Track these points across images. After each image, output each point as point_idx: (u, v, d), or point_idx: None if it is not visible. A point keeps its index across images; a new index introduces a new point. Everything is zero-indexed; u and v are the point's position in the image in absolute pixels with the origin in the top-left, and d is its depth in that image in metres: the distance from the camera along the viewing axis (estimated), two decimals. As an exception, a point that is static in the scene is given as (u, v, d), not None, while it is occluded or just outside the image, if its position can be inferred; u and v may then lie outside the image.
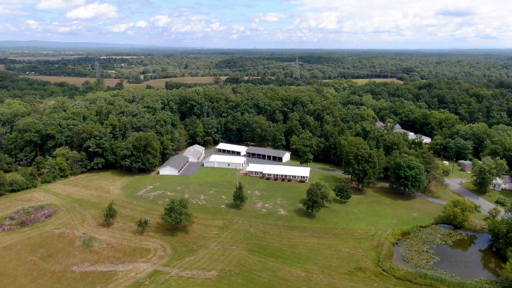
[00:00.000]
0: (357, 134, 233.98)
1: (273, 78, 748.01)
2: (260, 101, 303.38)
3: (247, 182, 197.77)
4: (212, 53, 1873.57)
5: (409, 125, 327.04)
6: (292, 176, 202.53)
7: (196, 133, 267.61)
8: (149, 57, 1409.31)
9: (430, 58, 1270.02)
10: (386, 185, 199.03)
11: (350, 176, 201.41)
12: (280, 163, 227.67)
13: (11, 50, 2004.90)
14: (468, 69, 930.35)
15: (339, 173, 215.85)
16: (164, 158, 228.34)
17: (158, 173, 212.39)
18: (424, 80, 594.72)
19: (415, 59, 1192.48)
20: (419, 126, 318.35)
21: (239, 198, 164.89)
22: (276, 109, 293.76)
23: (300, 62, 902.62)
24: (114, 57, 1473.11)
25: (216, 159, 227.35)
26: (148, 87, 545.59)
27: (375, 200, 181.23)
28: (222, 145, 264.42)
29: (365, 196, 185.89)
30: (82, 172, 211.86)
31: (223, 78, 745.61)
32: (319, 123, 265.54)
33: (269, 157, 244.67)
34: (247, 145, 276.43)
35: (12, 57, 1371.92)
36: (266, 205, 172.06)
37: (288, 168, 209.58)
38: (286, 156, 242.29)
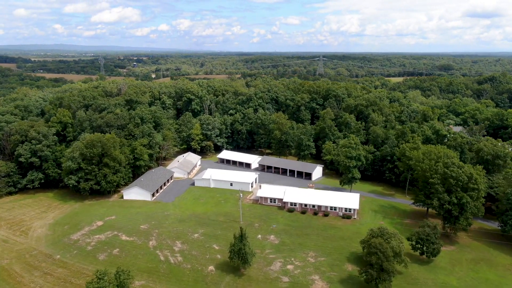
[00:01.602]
0: (425, 141, 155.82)
1: (294, 75, 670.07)
2: (280, 94, 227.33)
3: (257, 217, 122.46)
4: (231, 55, 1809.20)
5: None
6: (331, 207, 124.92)
7: (190, 136, 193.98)
8: (166, 57, 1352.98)
9: (464, 58, 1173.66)
10: (488, 225, 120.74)
11: (426, 208, 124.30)
12: (311, 184, 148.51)
13: (35, 52, 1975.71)
14: (510, 68, 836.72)
15: (402, 201, 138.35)
16: (137, 172, 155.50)
17: (123, 196, 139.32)
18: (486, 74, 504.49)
19: (447, 58, 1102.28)
20: (492, 130, 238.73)
21: (239, 256, 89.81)
22: (302, 104, 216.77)
23: (324, 58, 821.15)
24: (131, 57, 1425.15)
25: (213, 176, 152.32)
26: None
27: (481, 257, 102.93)
28: (225, 154, 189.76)
29: (460, 247, 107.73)
30: (10, 193, 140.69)
31: (239, 76, 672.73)
32: (363, 123, 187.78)
33: (291, 172, 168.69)
34: (261, 153, 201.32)
35: (33, 58, 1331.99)
36: (289, 266, 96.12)
37: (324, 194, 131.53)
38: (317, 171, 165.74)
